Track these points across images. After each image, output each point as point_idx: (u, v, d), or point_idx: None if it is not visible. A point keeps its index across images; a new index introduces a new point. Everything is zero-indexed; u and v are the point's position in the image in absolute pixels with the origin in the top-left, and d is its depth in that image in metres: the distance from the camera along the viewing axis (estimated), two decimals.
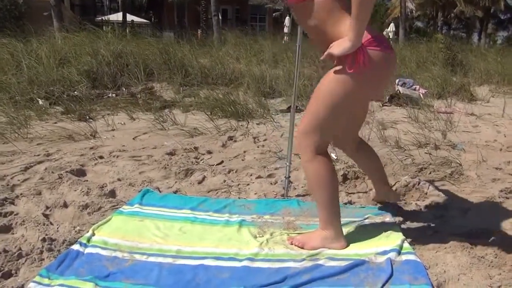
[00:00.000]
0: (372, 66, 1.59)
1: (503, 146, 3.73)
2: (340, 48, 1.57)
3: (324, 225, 1.81)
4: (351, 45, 1.55)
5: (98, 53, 6.12)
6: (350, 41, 1.54)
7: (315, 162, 1.76)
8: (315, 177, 1.78)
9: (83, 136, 3.68)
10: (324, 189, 1.77)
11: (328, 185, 1.77)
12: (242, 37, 9.77)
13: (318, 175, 1.76)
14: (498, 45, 16.43)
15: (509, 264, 1.69)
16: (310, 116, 1.75)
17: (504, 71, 8.09)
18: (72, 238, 1.86)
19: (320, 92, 1.72)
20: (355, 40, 1.54)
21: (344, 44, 1.56)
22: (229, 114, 4.60)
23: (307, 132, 1.75)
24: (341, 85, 1.65)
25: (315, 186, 1.80)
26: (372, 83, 1.69)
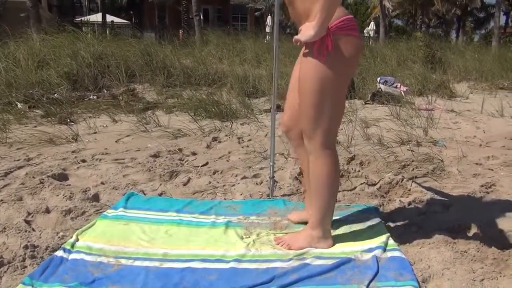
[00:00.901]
0: (339, 51, 1.61)
1: (482, 141, 3.81)
2: (305, 35, 1.59)
3: (315, 224, 1.81)
4: (314, 34, 1.57)
5: (78, 54, 6.03)
6: (313, 28, 1.56)
7: (324, 158, 1.74)
8: (322, 174, 1.75)
9: (64, 140, 3.62)
10: (328, 186, 1.77)
11: (333, 182, 1.77)
12: (224, 37, 9.75)
13: (325, 171, 1.75)
14: (475, 43, 16.78)
15: (491, 258, 1.73)
16: (305, 114, 1.73)
17: (481, 68, 8.28)
18: (56, 244, 1.83)
19: (305, 89, 1.71)
20: (318, 29, 1.56)
21: (308, 32, 1.58)
22: (212, 114, 4.59)
23: (310, 130, 1.73)
24: (318, 77, 1.64)
25: (320, 183, 1.77)
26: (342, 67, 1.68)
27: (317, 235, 1.81)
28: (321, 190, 1.79)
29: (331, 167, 1.76)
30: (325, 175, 1.76)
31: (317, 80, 1.65)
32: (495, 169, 3.01)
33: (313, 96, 1.68)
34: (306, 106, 1.73)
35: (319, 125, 1.71)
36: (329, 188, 1.78)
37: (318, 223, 1.81)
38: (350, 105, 5.09)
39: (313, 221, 1.83)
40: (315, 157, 1.76)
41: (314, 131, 1.72)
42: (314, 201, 1.83)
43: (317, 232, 1.81)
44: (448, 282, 1.56)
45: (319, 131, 1.72)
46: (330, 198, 1.80)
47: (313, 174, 1.80)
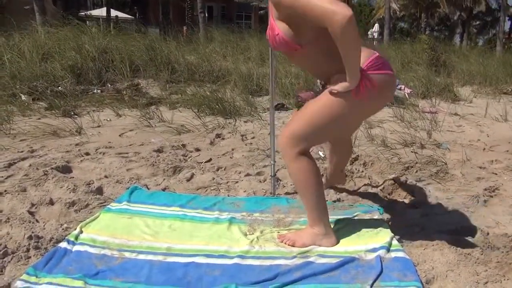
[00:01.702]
0: (374, 91, 1.63)
1: (486, 145, 3.80)
2: (343, 87, 1.61)
3: (313, 223, 1.81)
4: (351, 85, 1.60)
5: (83, 48, 6.01)
6: (349, 83, 1.59)
7: (298, 161, 1.75)
8: (299, 176, 1.77)
9: (68, 133, 3.62)
10: (308, 187, 1.77)
11: (312, 182, 1.77)
12: (229, 34, 9.74)
13: (301, 173, 1.76)
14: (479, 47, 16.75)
15: (494, 261, 1.73)
16: (304, 122, 1.74)
17: (485, 72, 8.26)
18: (59, 236, 1.83)
19: (321, 103, 1.72)
20: (352, 81, 1.59)
21: (345, 85, 1.60)
22: (216, 111, 4.59)
23: (296, 137, 1.74)
24: (343, 105, 1.66)
25: (299, 185, 1.80)
26: (373, 104, 1.75)
27: (320, 232, 1.81)
28: (304, 191, 1.80)
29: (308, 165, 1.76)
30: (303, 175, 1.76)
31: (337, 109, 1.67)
32: (499, 173, 3.01)
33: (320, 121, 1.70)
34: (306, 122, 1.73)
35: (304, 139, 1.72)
36: (310, 187, 1.78)
37: (315, 220, 1.81)
38: None
39: (311, 219, 1.83)
40: (290, 160, 1.76)
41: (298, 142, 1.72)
42: (303, 202, 1.84)
43: (319, 230, 1.81)
44: (452, 284, 1.56)
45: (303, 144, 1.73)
46: (316, 196, 1.80)
47: (292, 176, 1.83)
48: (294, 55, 1.70)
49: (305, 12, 1.49)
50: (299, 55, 1.69)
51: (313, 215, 1.81)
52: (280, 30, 1.60)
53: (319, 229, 1.81)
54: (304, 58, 1.70)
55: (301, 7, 1.49)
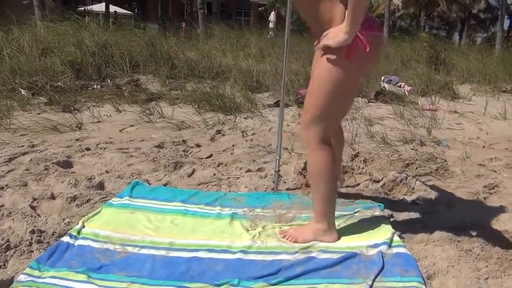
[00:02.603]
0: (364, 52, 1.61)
1: (485, 143, 3.82)
2: (336, 40, 1.58)
3: (319, 218, 1.82)
4: (347, 38, 1.56)
5: (82, 43, 6.00)
6: (346, 34, 1.55)
7: (321, 151, 1.76)
8: (319, 167, 1.77)
9: (68, 128, 3.61)
10: (325, 180, 1.77)
11: (330, 176, 1.78)
12: (228, 31, 9.72)
13: (322, 165, 1.76)
14: (478, 45, 16.75)
15: (495, 257, 1.75)
16: (315, 106, 1.74)
17: (485, 70, 8.26)
18: (62, 230, 1.83)
19: (322, 81, 1.71)
20: (350, 33, 1.55)
21: (340, 37, 1.57)
22: (216, 107, 4.58)
23: (314, 122, 1.74)
24: (341, 72, 1.65)
25: (317, 176, 1.79)
26: (365, 65, 1.73)
27: (322, 228, 1.82)
28: (319, 183, 1.80)
29: (327, 160, 1.77)
30: (322, 168, 1.77)
31: (337, 75, 1.66)
32: (498, 171, 3.02)
33: (325, 94, 1.70)
34: (314, 101, 1.73)
35: (324, 117, 1.73)
36: (326, 181, 1.79)
37: (322, 215, 1.82)
38: (354, 103, 5.09)
39: (316, 214, 1.84)
40: (312, 150, 1.78)
41: (316, 126, 1.73)
42: (314, 195, 1.85)
43: (322, 225, 1.82)
44: (453, 279, 1.57)
45: (320, 127, 1.73)
46: (329, 191, 1.81)
47: (311, 168, 1.84)
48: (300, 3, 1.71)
49: None
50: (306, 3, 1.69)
51: (321, 209, 1.82)
52: None
53: (323, 225, 1.82)
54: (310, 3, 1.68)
55: None
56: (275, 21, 19.75)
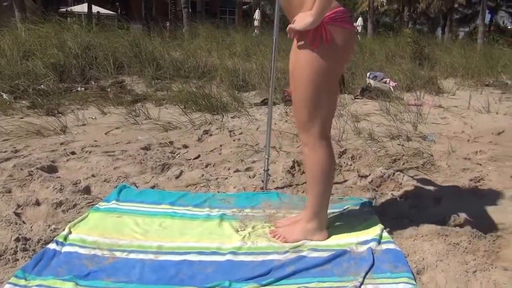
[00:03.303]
0: (333, 42, 1.60)
1: (470, 137, 3.87)
2: (302, 23, 1.58)
3: (310, 217, 1.82)
4: (312, 21, 1.55)
5: (65, 45, 5.91)
6: (312, 17, 1.55)
7: (321, 148, 1.75)
8: (319, 165, 1.76)
9: (52, 132, 3.55)
10: (323, 179, 1.78)
11: (327, 175, 1.79)
12: (213, 30, 9.68)
13: (322, 162, 1.75)
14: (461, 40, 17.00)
15: (482, 250, 1.77)
16: (301, 106, 1.73)
17: (468, 65, 8.39)
18: (48, 237, 1.80)
19: (300, 80, 1.70)
20: (317, 16, 1.55)
21: (306, 20, 1.56)
22: (203, 107, 4.56)
23: (307, 121, 1.72)
24: (312, 69, 1.64)
25: (315, 175, 1.78)
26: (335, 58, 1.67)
27: (312, 228, 1.82)
28: (317, 183, 1.79)
29: (327, 158, 1.77)
30: (321, 167, 1.76)
31: (311, 72, 1.65)
32: (483, 164, 3.06)
33: (308, 89, 1.68)
34: (301, 99, 1.72)
35: (315, 117, 1.71)
36: (324, 180, 1.79)
37: (314, 215, 1.82)
38: (340, 100, 5.11)
39: (309, 213, 1.83)
40: (311, 149, 1.76)
41: (311, 123, 1.72)
42: (310, 194, 1.83)
43: (312, 225, 1.82)
44: (442, 273, 1.59)
45: (316, 123, 1.72)
46: (326, 191, 1.81)
47: (309, 166, 1.81)
48: None
49: None
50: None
51: (314, 209, 1.82)
52: None
53: (313, 224, 1.82)
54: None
55: None
56: (260, 19, 19.75)
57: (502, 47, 10.45)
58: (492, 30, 32.32)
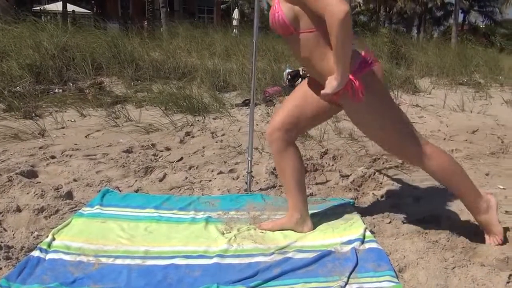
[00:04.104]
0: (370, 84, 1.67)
1: (446, 135, 3.99)
2: (330, 88, 1.62)
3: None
4: (338, 84, 1.60)
5: (41, 46, 5.78)
6: (336, 80, 1.60)
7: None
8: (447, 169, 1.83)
9: (30, 135, 3.48)
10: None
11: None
12: (192, 29, 9.62)
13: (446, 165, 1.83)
14: (435, 39, 17.41)
15: (460, 247, 1.84)
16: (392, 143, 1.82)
17: (442, 64, 8.59)
18: (31, 244, 1.77)
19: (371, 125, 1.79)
20: (340, 79, 1.60)
21: (332, 84, 1.61)
22: (184, 109, 4.54)
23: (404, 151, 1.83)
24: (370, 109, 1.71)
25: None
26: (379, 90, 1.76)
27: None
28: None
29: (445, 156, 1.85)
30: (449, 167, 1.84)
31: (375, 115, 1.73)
32: (459, 162, 3.15)
33: (382, 127, 1.76)
34: (384, 137, 1.81)
35: (405, 140, 1.79)
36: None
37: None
38: None
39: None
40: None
41: (404, 147, 1.80)
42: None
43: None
44: (423, 271, 1.64)
45: (408, 144, 1.79)
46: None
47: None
48: (290, 41, 1.73)
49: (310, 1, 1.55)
50: (293, 41, 1.71)
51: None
52: (282, 10, 1.64)
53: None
54: (297, 45, 1.71)
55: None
56: (239, 18, 19.73)
57: (474, 46, 10.74)
58: (465, 29, 33.18)
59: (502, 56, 10.64)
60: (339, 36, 1.51)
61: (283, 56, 7.44)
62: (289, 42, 1.75)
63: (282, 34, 1.72)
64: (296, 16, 1.64)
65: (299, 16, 1.64)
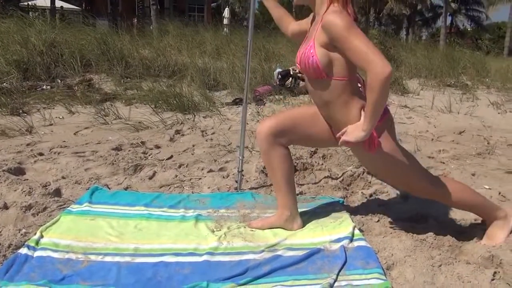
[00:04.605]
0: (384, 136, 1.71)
1: (434, 136, 4.04)
2: (354, 136, 1.62)
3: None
4: (365, 135, 1.61)
5: (28, 42, 5.70)
6: (364, 132, 1.60)
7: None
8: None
9: (17, 132, 3.44)
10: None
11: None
12: (183, 28, 9.58)
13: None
14: (424, 41, 17.60)
15: (446, 245, 1.87)
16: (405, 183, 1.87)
17: (431, 65, 8.70)
18: (19, 242, 1.76)
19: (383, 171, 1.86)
20: (368, 130, 1.60)
21: (358, 134, 1.61)
22: (174, 107, 4.53)
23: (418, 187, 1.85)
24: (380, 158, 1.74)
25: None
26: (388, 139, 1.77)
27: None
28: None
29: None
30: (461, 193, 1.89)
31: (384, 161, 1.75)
32: (446, 162, 3.21)
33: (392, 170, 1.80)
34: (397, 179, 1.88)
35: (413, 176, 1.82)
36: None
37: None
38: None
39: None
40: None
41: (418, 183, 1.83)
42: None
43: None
44: (410, 268, 1.66)
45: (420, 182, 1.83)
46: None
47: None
48: (316, 83, 1.73)
49: (352, 53, 1.54)
50: (320, 84, 1.71)
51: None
52: (316, 54, 1.63)
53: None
54: (323, 89, 1.71)
55: (351, 49, 1.53)
56: (229, 17, 19.70)
57: (462, 49, 10.88)
58: (453, 32, 33.62)
59: (488, 59, 10.79)
60: (378, 94, 1.51)
61: (273, 55, 7.46)
62: (314, 84, 1.75)
63: (312, 77, 1.71)
64: (330, 62, 1.63)
65: (333, 62, 1.64)
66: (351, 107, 1.69)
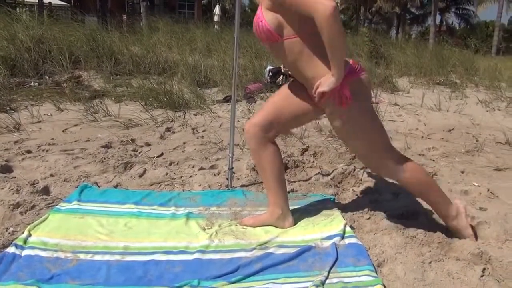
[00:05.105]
0: (357, 92, 1.70)
1: (424, 134, 4.07)
2: (327, 85, 1.63)
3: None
4: (336, 79, 1.62)
5: (16, 37, 5.61)
6: (334, 77, 1.62)
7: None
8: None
9: (5, 129, 3.39)
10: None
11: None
12: (173, 24, 9.52)
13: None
14: (413, 39, 17.73)
15: (436, 242, 1.88)
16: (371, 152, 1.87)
17: (420, 64, 8.76)
18: (6, 241, 1.73)
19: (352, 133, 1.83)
20: (338, 74, 1.62)
21: (329, 80, 1.63)
22: (164, 104, 4.50)
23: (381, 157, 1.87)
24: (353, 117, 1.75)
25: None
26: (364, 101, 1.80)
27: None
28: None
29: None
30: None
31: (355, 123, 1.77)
32: (436, 160, 3.23)
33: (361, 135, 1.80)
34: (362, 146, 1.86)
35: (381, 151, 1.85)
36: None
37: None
38: None
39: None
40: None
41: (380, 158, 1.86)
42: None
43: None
44: (401, 265, 1.67)
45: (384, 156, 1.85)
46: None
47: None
48: (275, 48, 1.74)
49: (295, 6, 1.55)
50: (278, 48, 1.72)
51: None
52: (264, 19, 1.65)
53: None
54: (282, 52, 1.72)
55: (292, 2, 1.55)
56: (220, 14, 19.63)
57: (451, 48, 10.98)
58: (442, 30, 33.91)
59: (477, 57, 10.90)
60: (330, 32, 1.52)
61: (264, 53, 7.44)
62: (274, 49, 1.76)
63: (267, 41, 1.72)
64: (280, 23, 1.65)
65: (283, 23, 1.65)
66: (316, 61, 1.68)
